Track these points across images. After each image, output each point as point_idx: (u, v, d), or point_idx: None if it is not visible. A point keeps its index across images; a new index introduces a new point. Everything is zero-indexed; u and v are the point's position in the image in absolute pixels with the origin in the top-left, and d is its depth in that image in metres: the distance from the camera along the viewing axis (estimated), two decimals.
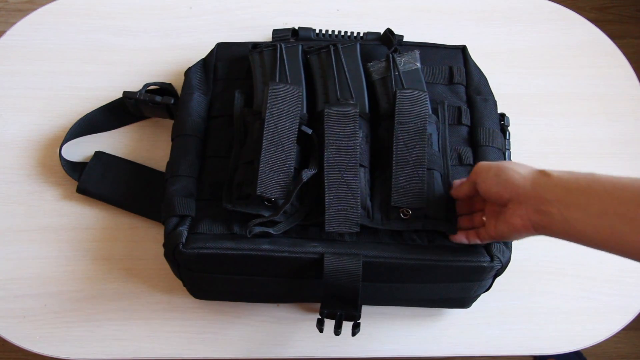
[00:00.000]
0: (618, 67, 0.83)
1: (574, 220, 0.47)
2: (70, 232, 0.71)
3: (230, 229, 0.60)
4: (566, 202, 0.48)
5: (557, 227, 0.49)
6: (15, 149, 0.75)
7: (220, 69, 0.72)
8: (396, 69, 0.66)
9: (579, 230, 0.47)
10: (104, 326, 0.67)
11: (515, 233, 0.53)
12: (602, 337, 0.69)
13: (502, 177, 0.53)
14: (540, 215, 0.50)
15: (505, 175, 0.53)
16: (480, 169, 0.56)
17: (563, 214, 0.48)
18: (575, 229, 0.48)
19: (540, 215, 0.50)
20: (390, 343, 0.68)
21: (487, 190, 0.55)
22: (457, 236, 0.60)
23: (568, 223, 0.48)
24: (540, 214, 0.50)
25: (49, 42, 0.81)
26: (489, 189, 0.54)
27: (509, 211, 0.53)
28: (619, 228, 0.45)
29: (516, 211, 0.52)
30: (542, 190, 0.50)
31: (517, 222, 0.52)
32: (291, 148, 0.60)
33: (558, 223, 0.49)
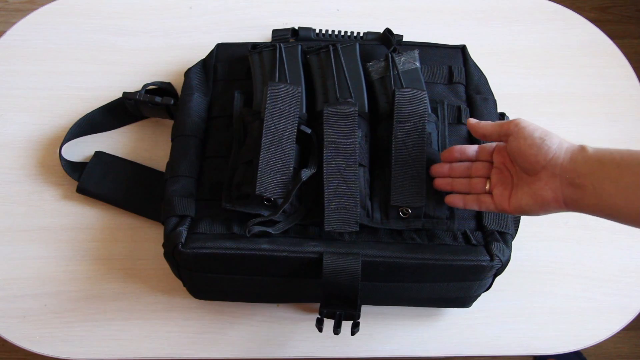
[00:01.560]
0: (618, 67, 0.83)
1: (606, 193, 0.47)
2: (70, 232, 0.71)
3: (229, 229, 0.60)
4: (599, 175, 0.47)
5: (589, 202, 0.48)
6: (15, 149, 0.75)
7: (220, 69, 0.72)
8: (395, 68, 0.66)
9: (610, 203, 0.47)
10: (104, 326, 0.67)
11: (541, 207, 0.51)
12: (602, 337, 0.69)
13: (547, 142, 0.50)
14: (573, 188, 0.49)
15: (550, 141, 0.50)
16: (524, 125, 0.52)
17: (596, 188, 0.47)
18: (607, 203, 0.47)
19: (573, 188, 0.49)
20: (390, 343, 0.68)
21: (522, 151, 0.51)
22: (452, 198, 0.57)
23: (600, 197, 0.47)
24: (574, 188, 0.48)
25: (49, 42, 0.81)
26: (527, 150, 0.51)
27: (540, 182, 0.50)
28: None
29: (549, 182, 0.50)
30: (577, 164, 0.48)
31: (549, 194, 0.50)
32: (290, 148, 0.60)
33: (590, 197, 0.48)
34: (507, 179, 0.55)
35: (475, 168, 0.58)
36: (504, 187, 0.54)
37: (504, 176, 0.55)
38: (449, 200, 0.58)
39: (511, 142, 0.53)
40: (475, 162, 0.58)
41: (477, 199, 0.56)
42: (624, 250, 0.72)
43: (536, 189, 0.51)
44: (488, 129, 0.56)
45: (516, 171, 0.54)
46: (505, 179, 0.55)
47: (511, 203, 0.53)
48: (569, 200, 0.50)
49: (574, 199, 0.49)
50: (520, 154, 0.52)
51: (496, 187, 0.55)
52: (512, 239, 0.62)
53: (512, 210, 0.54)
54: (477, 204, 0.56)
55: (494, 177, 0.56)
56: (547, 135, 0.51)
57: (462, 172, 0.58)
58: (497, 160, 0.56)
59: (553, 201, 0.50)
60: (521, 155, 0.52)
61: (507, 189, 0.54)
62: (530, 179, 0.52)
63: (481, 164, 0.57)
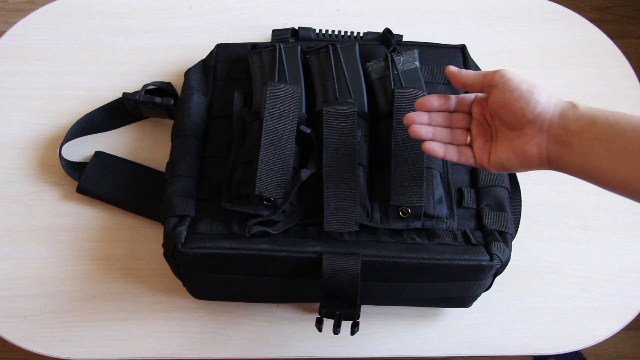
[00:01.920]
0: (618, 67, 0.83)
1: (594, 154, 0.45)
2: (70, 232, 0.71)
3: (229, 229, 0.60)
4: (590, 134, 0.45)
5: (574, 161, 0.46)
6: (15, 149, 0.75)
7: (220, 69, 0.72)
8: (395, 68, 0.66)
9: (597, 165, 0.45)
10: (104, 326, 0.67)
11: (523, 163, 0.49)
12: (602, 337, 0.69)
13: (535, 95, 0.47)
14: (560, 146, 0.46)
15: (539, 94, 0.47)
16: (511, 76, 0.49)
17: (584, 147, 0.45)
18: (593, 165, 0.45)
19: (560, 146, 0.46)
20: (390, 343, 0.68)
21: (508, 104, 0.48)
22: (433, 145, 0.52)
23: (587, 157, 0.45)
24: (560, 145, 0.46)
25: (49, 42, 0.81)
26: (513, 103, 0.48)
27: (525, 137, 0.48)
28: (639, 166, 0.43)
29: (534, 138, 0.47)
30: (568, 120, 0.46)
31: (533, 150, 0.48)
32: (290, 147, 0.60)
33: (577, 157, 0.46)
34: (487, 133, 0.52)
35: (456, 119, 0.54)
36: (484, 141, 0.52)
37: (484, 129, 0.52)
38: (429, 147, 0.53)
39: (495, 94, 0.49)
40: (454, 113, 0.54)
41: (458, 150, 0.53)
42: (624, 250, 0.72)
43: (519, 144, 0.48)
44: (470, 77, 0.52)
45: (496, 125, 0.51)
46: (485, 132, 0.52)
47: (491, 159, 0.51)
48: (553, 158, 0.48)
49: (559, 157, 0.47)
50: (506, 107, 0.49)
51: (476, 140, 0.53)
52: (512, 239, 0.62)
53: (491, 166, 0.51)
54: (457, 155, 0.53)
55: (474, 130, 0.53)
56: (535, 87, 0.48)
57: (442, 121, 0.54)
58: (476, 112, 0.53)
59: (537, 158, 0.48)
60: (506, 108, 0.49)
61: (487, 142, 0.52)
62: (513, 134, 0.49)
63: (461, 116, 0.54)
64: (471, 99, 0.54)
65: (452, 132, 0.54)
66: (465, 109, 0.54)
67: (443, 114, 0.54)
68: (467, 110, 0.54)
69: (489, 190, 0.64)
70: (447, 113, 0.55)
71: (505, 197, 0.64)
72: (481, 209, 0.63)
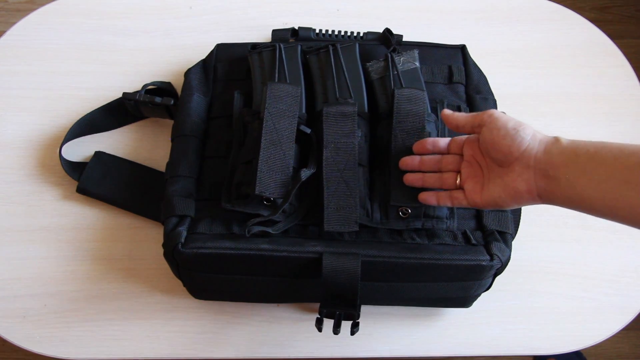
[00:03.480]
0: (618, 67, 0.83)
1: (580, 186, 0.46)
2: (70, 232, 0.71)
3: (229, 229, 0.60)
4: (573, 167, 0.47)
5: (563, 194, 0.48)
6: (15, 149, 0.75)
7: (220, 69, 0.72)
8: (395, 68, 0.66)
9: (584, 196, 0.47)
10: (104, 326, 0.67)
11: (514, 199, 0.51)
12: (602, 337, 0.69)
13: (521, 132, 0.50)
14: (547, 180, 0.48)
15: (524, 132, 0.50)
16: (497, 116, 0.52)
17: (569, 180, 0.47)
18: (581, 195, 0.47)
19: (547, 180, 0.48)
20: (390, 343, 0.68)
21: (495, 142, 0.51)
22: (426, 196, 0.57)
23: (574, 189, 0.47)
24: (547, 179, 0.48)
25: (49, 42, 0.81)
26: (500, 141, 0.50)
27: (513, 174, 0.50)
28: (624, 193, 0.44)
29: (522, 174, 0.49)
30: (552, 155, 0.48)
31: (522, 186, 0.50)
32: (290, 147, 0.60)
33: (564, 189, 0.47)
34: (477, 173, 0.54)
35: (446, 161, 0.57)
36: (475, 181, 0.54)
37: (474, 169, 0.54)
38: (422, 198, 0.57)
39: (484, 133, 0.52)
40: (445, 155, 0.57)
41: (450, 195, 0.56)
42: (624, 250, 0.72)
43: (509, 180, 0.50)
44: (461, 119, 0.55)
45: (487, 164, 0.53)
46: (476, 172, 0.54)
47: (483, 196, 0.53)
48: (542, 192, 0.49)
49: (547, 190, 0.49)
50: (494, 145, 0.51)
51: (467, 182, 0.55)
52: (512, 239, 0.62)
53: (484, 203, 0.53)
54: (450, 200, 0.56)
55: (464, 171, 0.55)
56: (520, 126, 0.50)
57: (432, 165, 0.58)
58: (467, 153, 0.56)
59: (526, 193, 0.50)
60: (494, 146, 0.51)
61: (479, 182, 0.54)
62: (502, 171, 0.51)
63: (452, 157, 0.56)
64: (463, 140, 0.57)
65: (441, 176, 0.57)
66: (457, 150, 0.57)
67: (435, 157, 0.58)
68: (459, 151, 0.57)
69: None
70: (439, 156, 0.58)
71: None
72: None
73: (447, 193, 0.56)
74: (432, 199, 0.57)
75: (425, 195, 0.57)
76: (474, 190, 0.54)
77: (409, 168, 0.58)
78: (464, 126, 0.55)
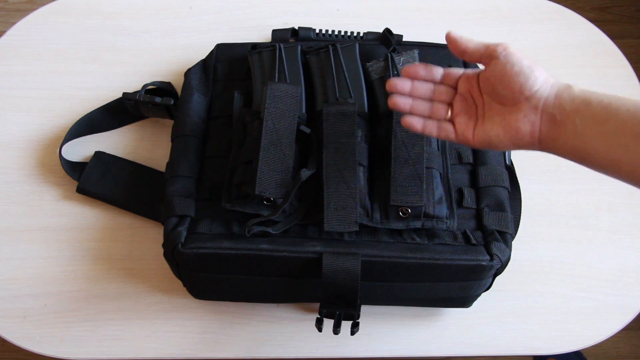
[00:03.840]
0: (618, 67, 0.83)
1: (588, 136, 0.45)
2: (70, 232, 0.71)
3: (229, 229, 0.60)
4: (584, 114, 0.45)
5: (567, 142, 0.46)
6: (15, 149, 0.75)
7: (220, 69, 0.72)
8: (395, 68, 0.66)
9: (589, 146, 0.45)
10: (104, 326, 0.67)
11: (513, 140, 0.49)
12: (602, 337, 0.69)
13: (535, 72, 0.47)
14: (552, 125, 0.47)
15: (539, 72, 0.47)
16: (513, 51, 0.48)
17: (577, 128, 0.45)
18: (586, 146, 0.45)
19: (552, 125, 0.47)
20: (390, 343, 0.68)
21: (507, 77, 0.48)
22: (411, 119, 0.52)
23: (580, 138, 0.45)
24: (553, 124, 0.47)
25: (49, 42, 0.81)
26: (513, 77, 0.47)
27: (518, 114, 0.48)
28: (632, 148, 0.43)
29: (528, 115, 0.47)
30: (563, 100, 0.46)
31: (526, 127, 0.48)
32: (290, 147, 0.60)
33: (569, 137, 0.46)
34: (471, 109, 0.52)
35: (438, 92, 0.53)
36: (467, 117, 0.51)
37: (468, 105, 0.52)
38: (407, 122, 0.52)
39: (494, 66, 0.49)
40: (437, 85, 0.53)
41: (438, 125, 0.52)
42: (624, 250, 0.72)
43: (512, 120, 0.48)
44: (470, 45, 0.50)
45: (485, 101, 0.51)
46: (469, 108, 0.52)
47: (476, 134, 0.51)
48: (544, 138, 0.48)
49: (550, 136, 0.47)
50: (504, 81, 0.48)
51: (459, 116, 0.52)
52: (512, 239, 0.62)
53: (476, 141, 0.51)
54: (437, 130, 0.52)
55: (456, 105, 0.52)
56: (535, 65, 0.48)
57: (423, 93, 0.53)
58: (462, 88, 0.52)
59: (528, 136, 0.48)
60: (505, 81, 0.48)
61: (472, 119, 0.51)
62: (505, 110, 0.49)
63: (445, 89, 0.53)
64: (459, 74, 0.53)
65: (432, 105, 0.53)
66: (451, 83, 0.53)
67: (426, 85, 0.53)
68: (453, 84, 0.53)
69: (489, 190, 0.64)
70: (431, 85, 0.53)
71: (505, 197, 0.64)
72: (481, 209, 0.63)
73: (435, 122, 0.52)
74: (417, 124, 0.52)
75: (410, 119, 0.52)
76: (466, 125, 0.51)
77: (398, 91, 0.53)
78: (472, 53, 0.50)
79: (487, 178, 0.64)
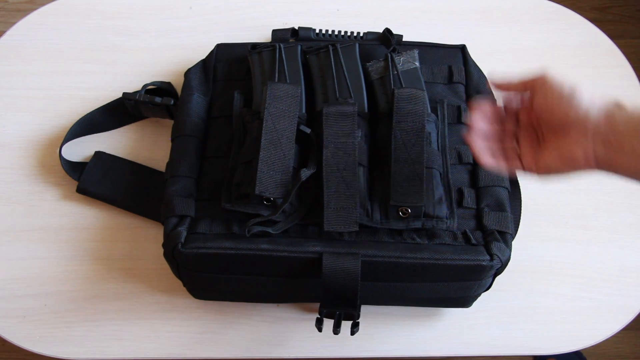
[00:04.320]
0: (618, 67, 0.83)
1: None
2: (70, 232, 0.71)
3: (229, 229, 0.60)
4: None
5: (625, 163, 0.45)
6: (15, 149, 0.75)
7: (220, 69, 0.72)
8: (395, 68, 0.66)
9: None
10: (104, 326, 0.67)
11: (570, 166, 0.48)
12: (602, 337, 0.69)
13: (577, 97, 0.46)
14: (608, 148, 0.45)
15: (580, 96, 0.47)
16: (551, 79, 0.48)
17: (635, 148, 0.44)
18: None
19: (608, 148, 0.45)
20: (390, 343, 0.68)
21: (551, 107, 0.48)
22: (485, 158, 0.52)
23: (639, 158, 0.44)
24: (608, 147, 0.45)
25: (49, 42, 0.81)
26: (556, 106, 0.47)
27: (570, 139, 0.47)
28: None
29: (579, 140, 0.46)
30: (616, 122, 0.45)
31: (579, 153, 0.47)
32: (290, 147, 0.60)
33: (628, 158, 0.45)
34: (533, 138, 0.51)
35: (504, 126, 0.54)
36: (531, 147, 0.51)
37: (530, 135, 0.52)
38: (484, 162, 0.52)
39: (538, 97, 0.49)
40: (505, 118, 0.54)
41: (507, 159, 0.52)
42: (624, 250, 0.72)
43: (564, 146, 0.48)
44: (514, 82, 0.52)
45: (543, 130, 0.51)
46: (532, 137, 0.52)
47: (539, 164, 0.50)
48: (601, 161, 0.46)
49: (607, 159, 0.46)
50: (548, 107, 0.48)
51: (523, 147, 0.52)
52: (512, 239, 0.62)
53: (539, 171, 0.50)
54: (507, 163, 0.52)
55: (521, 137, 0.52)
56: (576, 88, 0.47)
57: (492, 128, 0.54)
58: (523, 119, 0.53)
59: (583, 160, 0.47)
60: (549, 108, 0.48)
61: (534, 149, 0.51)
62: (558, 137, 0.48)
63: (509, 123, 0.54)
64: (517, 105, 0.54)
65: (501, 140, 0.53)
66: (512, 115, 0.54)
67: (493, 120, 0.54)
68: (514, 117, 0.54)
69: (489, 190, 0.64)
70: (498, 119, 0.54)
71: (505, 197, 0.64)
72: (481, 209, 0.63)
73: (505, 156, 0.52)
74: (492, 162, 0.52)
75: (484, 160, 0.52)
76: (530, 156, 0.51)
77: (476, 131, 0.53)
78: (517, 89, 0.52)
79: (487, 178, 0.64)
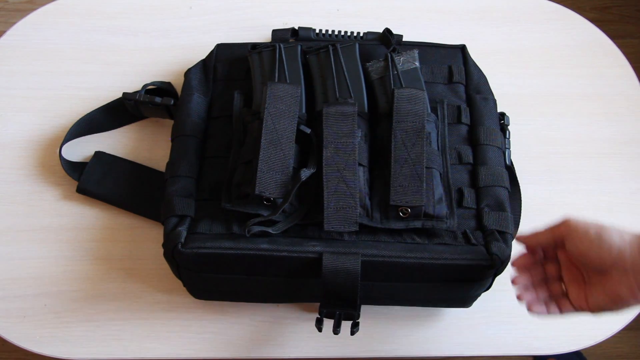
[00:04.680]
0: (618, 67, 0.83)
1: None
2: (70, 232, 0.71)
3: (229, 229, 0.60)
4: None
5: None
6: (15, 149, 0.75)
7: (220, 69, 0.72)
8: (395, 68, 0.66)
9: None
10: (104, 326, 0.67)
11: (621, 305, 0.48)
12: (602, 337, 0.69)
13: (606, 239, 0.47)
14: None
15: (608, 237, 0.47)
16: (575, 227, 0.49)
17: None
18: None
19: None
20: (390, 343, 0.68)
21: (583, 253, 0.48)
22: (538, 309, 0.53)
23: None
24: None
25: (49, 42, 0.81)
26: (587, 252, 0.48)
27: (612, 281, 0.47)
28: None
29: (622, 280, 0.47)
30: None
31: (624, 292, 0.47)
32: (290, 147, 0.60)
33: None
34: (578, 277, 0.52)
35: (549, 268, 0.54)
36: (578, 286, 0.51)
37: (574, 273, 0.52)
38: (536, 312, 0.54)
39: (569, 246, 0.50)
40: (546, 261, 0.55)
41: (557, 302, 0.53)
42: None
43: (609, 287, 0.48)
44: (542, 239, 0.53)
45: (585, 269, 0.51)
46: (577, 276, 0.52)
47: (590, 304, 0.50)
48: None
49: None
50: (582, 256, 0.49)
51: (570, 287, 0.52)
52: (512, 239, 0.62)
53: (592, 310, 0.50)
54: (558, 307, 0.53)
55: (565, 277, 0.53)
56: (602, 230, 0.48)
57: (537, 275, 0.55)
58: (562, 258, 0.54)
59: (631, 297, 0.47)
60: (583, 257, 0.49)
61: (582, 287, 0.51)
62: (602, 278, 0.49)
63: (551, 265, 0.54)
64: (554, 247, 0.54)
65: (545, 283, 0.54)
66: (552, 257, 0.54)
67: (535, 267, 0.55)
68: (554, 258, 0.54)
69: (489, 190, 0.64)
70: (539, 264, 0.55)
71: (505, 197, 0.64)
72: (481, 209, 0.63)
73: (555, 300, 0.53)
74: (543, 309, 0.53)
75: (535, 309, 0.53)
76: (578, 296, 0.51)
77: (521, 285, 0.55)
78: (546, 244, 0.53)
79: (487, 178, 0.64)
